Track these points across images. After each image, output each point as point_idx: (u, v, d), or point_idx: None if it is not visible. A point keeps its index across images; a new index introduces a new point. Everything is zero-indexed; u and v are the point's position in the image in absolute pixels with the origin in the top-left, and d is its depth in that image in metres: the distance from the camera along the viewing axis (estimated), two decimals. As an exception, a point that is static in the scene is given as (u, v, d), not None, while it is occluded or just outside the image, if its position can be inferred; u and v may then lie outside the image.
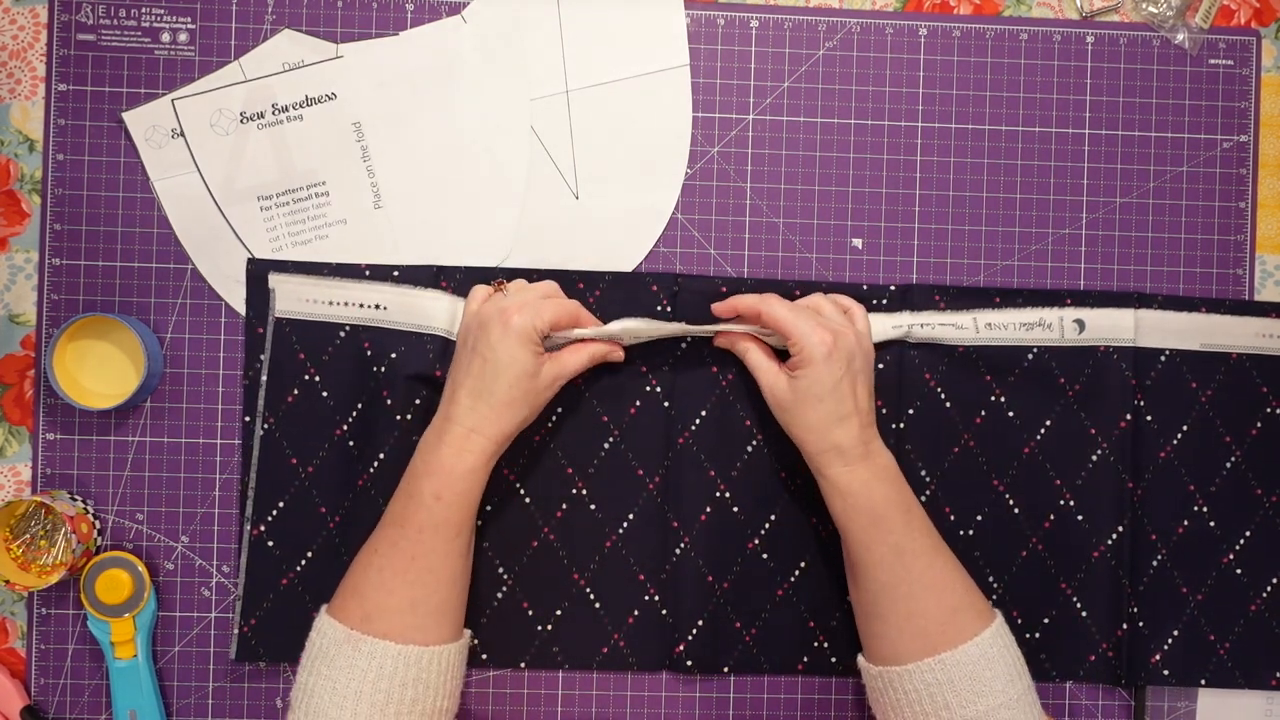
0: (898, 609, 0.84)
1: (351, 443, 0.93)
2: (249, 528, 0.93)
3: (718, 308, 0.92)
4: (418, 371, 0.93)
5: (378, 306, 0.94)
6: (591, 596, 0.95)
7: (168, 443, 0.94)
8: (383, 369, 0.93)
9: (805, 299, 0.92)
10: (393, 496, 0.86)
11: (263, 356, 0.93)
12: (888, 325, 0.95)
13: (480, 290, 0.91)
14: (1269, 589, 0.96)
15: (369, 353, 0.93)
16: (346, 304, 0.94)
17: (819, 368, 0.86)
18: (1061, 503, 0.95)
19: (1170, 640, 0.96)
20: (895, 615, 0.84)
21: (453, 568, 0.85)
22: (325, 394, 0.93)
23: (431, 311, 0.93)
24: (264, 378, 0.93)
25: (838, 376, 0.86)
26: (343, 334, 0.93)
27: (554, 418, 0.94)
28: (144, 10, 0.94)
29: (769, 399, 0.89)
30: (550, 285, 0.92)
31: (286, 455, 0.93)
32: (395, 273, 0.94)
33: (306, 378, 0.93)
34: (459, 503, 0.85)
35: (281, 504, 0.93)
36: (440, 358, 0.93)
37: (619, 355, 0.93)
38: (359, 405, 0.93)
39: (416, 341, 0.93)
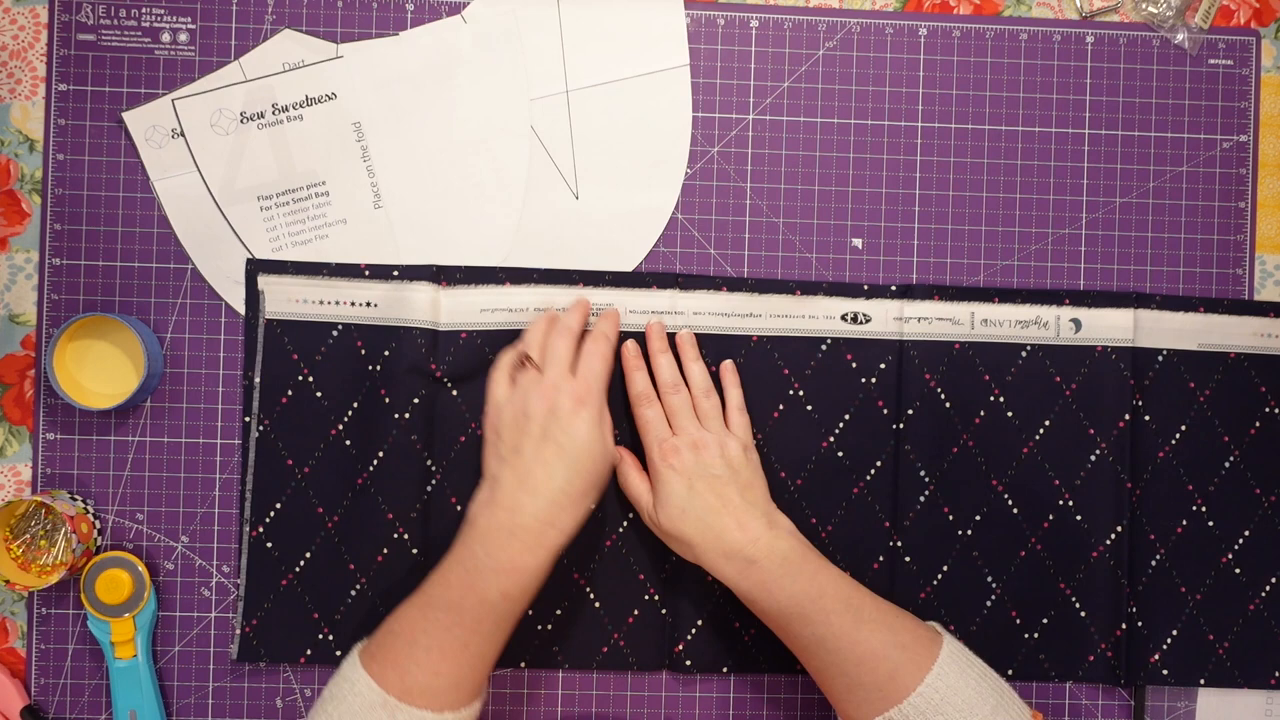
0: (837, 684, 0.84)
1: (348, 442, 0.93)
2: (247, 529, 0.93)
3: (626, 363, 0.93)
4: (413, 367, 0.93)
5: (368, 304, 0.94)
6: (591, 596, 0.95)
7: (168, 443, 0.94)
8: (378, 367, 0.93)
9: (664, 392, 0.91)
10: (441, 575, 0.83)
11: (256, 358, 0.93)
12: (888, 317, 0.95)
13: (504, 368, 0.89)
14: (1268, 588, 0.97)
15: (362, 351, 0.93)
16: (337, 302, 0.94)
17: (666, 479, 0.87)
18: (1060, 503, 0.95)
19: (1169, 640, 0.96)
20: (838, 688, 0.84)
21: (500, 646, 0.84)
22: (319, 394, 0.93)
23: (416, 304, 0.93)
24: (257, 379, 0.93)
25: (687, 483, 0.87)
26: (335, 333, 0.94)
27: (554, 418, 0.94)
28: (144, 10, 0.94)
29: (654, 532, 0.90)
30: (570, 337, 0.89)
31: (282, 456, 0.93)
32: (395, 272, 0.94)
33: (300, 378, 0.93)
34: (526, 597, 0.83)
35: (279, 505, 0.93)
36: (432, 351, 0.93)
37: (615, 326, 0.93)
38: (354, 404, 0.93)
39: (407, 337, 0.93)
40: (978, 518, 0.96)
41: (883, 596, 0.93)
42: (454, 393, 0.94)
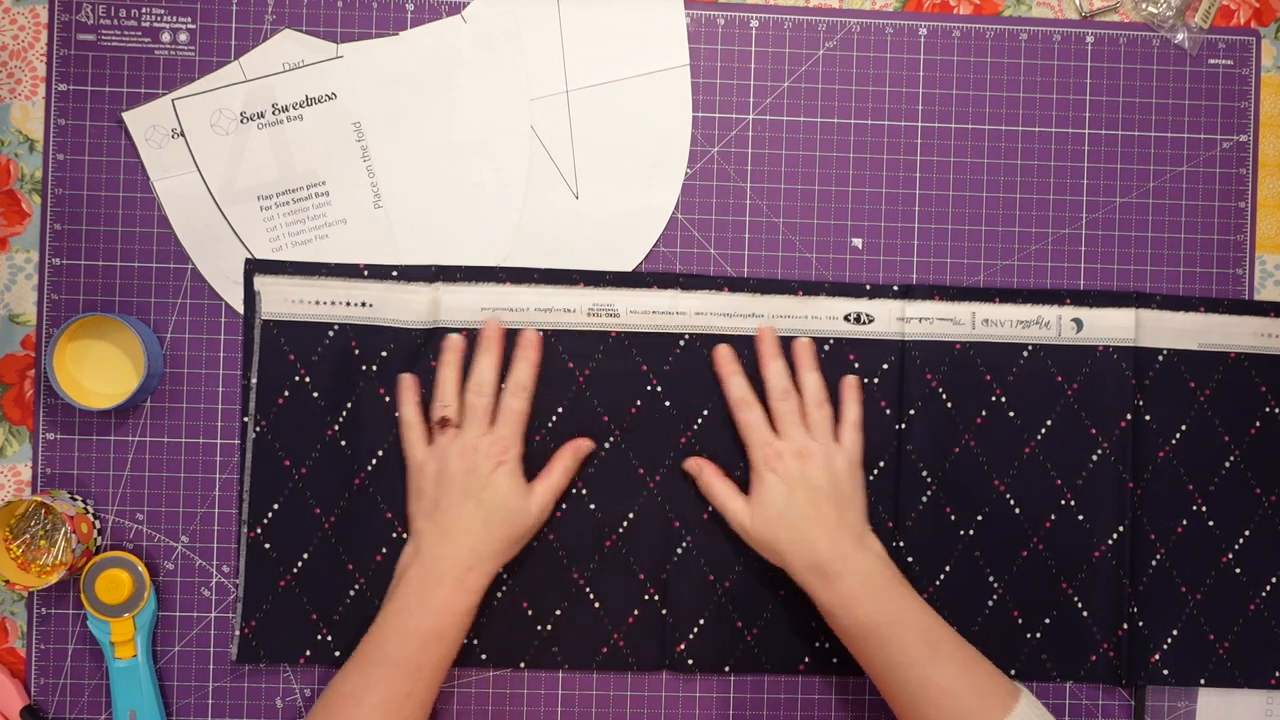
0: (905, 714, 0.85)
1: (344, 442, 0.93)
2: (245, 530, 0.93)
3: (721, 368, 0.93)
4: (412, 368, 0.93)
5: (364, 304, 0.94)
6: (591, 596, 0.95)
7: (168, 443, 0.94)
8: (375, 367, 0.93)
9: (772, 400, 0.91)
10: (376, 630, 0.86)
11: (254, 359, 0.93)
12: (891, 317, 0.95)
13: (416, 429, 0.91)
14: (1268, 588, 0.97)
15: (357, 351, 0.93)
16: (333, 303, 0.94)
17: (766, 484, 0.88)
18: (1062, 502, 0.95)
19: (1170, 640, 0.96)
20: (905, 718, 0.85)
21: (437, 688, 0.86)
22: (316, 394, 0.93)
23: (413, 305, 0.93)
24: (253, 380, 0.93)
25: (787, 491, 0.88)
26: (331, 333, 0.93)
27: (554, 417, 0.94)
28: (144, 10, 0.94)
29: (738, 533, 0.91)
30: (490, 394, 0.90)
31: (279, 457, 0.93)
32: (394, 272, 0.94)
33: (296, 379, 0.93)
34: (457, 640, 0.86)
35: (276, 506, 0.93)
36: (432, 350, 0.93)
37: (589, 445, 0.93)
38: (350, 404, 0.93)
39: (406, 337, 0.93)
40: (979, 518, 0.95)
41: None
42: (454, 392, 0.94)
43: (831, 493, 0.88)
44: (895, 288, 0.95)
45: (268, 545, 0.93)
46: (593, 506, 0.94)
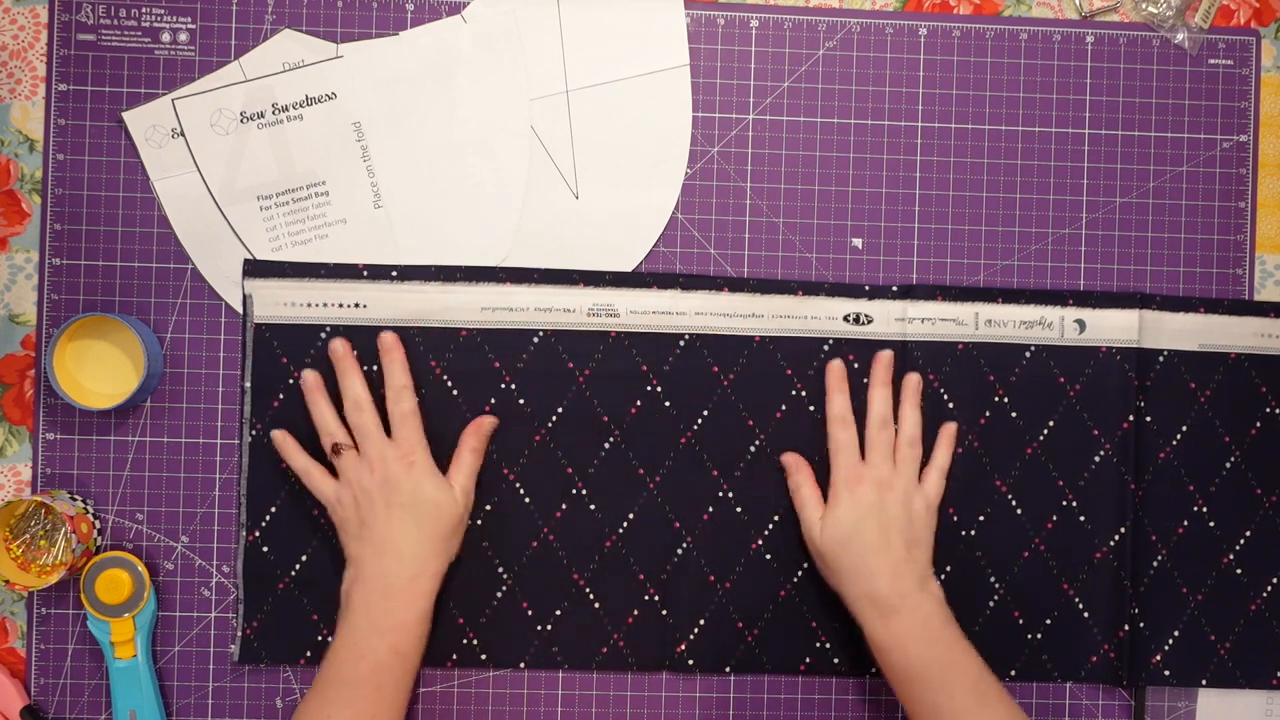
0: None
1: (346, 442, 0.93)
2: (244, 533, 0.93)
3: (830, 381, 0.94)
4: (412, 368, 0.93)
5: (357, 305, 0.94)
6: (591, 597, 0.94)
7: (168, 443, 0.94)
8: (375, 367, 0.93)
9: (870, 428, 0.92)
10: (332, 657, 0.85)
11: (247, 363, 0.93)
12: (890, 317, 0.95)
13: (310, 466, 0.90)
14: (1269, 589, 0.96)
15: (355, 353, 0.93)
16: (326, 305, 0.94)
17: (842, 504, 0.88)
18: (1064, 503, 0.95)
19: (1171, 640, 0.96)
20: None
21: (403, 709, 0.86)
22: None
23: (415, 304, 0.93)
24: (247, 384, 0.93)
25: (860, 516, 0.88)
26: (324, 335, 0.93)
27: (554, 418, 0.94)
28: (144, 10, 0.94)
29: (806, 542, 0.91)
30: (370, 409, 0.90)
31: (276, 460, 0.93)
32: (394, 272, 0.94)
33: (291, 381, 0.93)
34: (417, 647, 0.86)
35: (274, 509, 0.93)
36: (432, 349, 0.93)
37: (492, 421, 0.93)
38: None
39: (403, 337, 0.93)
40: (981, 518, 0.95)
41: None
42: (454, 392, 0.94)
43: (904, 528, 0.88)
44: (894, 288, 0.95)
45: (266, 548, 0.93)
46: (593, 507, 0.94)
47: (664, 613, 0.94)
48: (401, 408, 0.90)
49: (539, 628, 0.94)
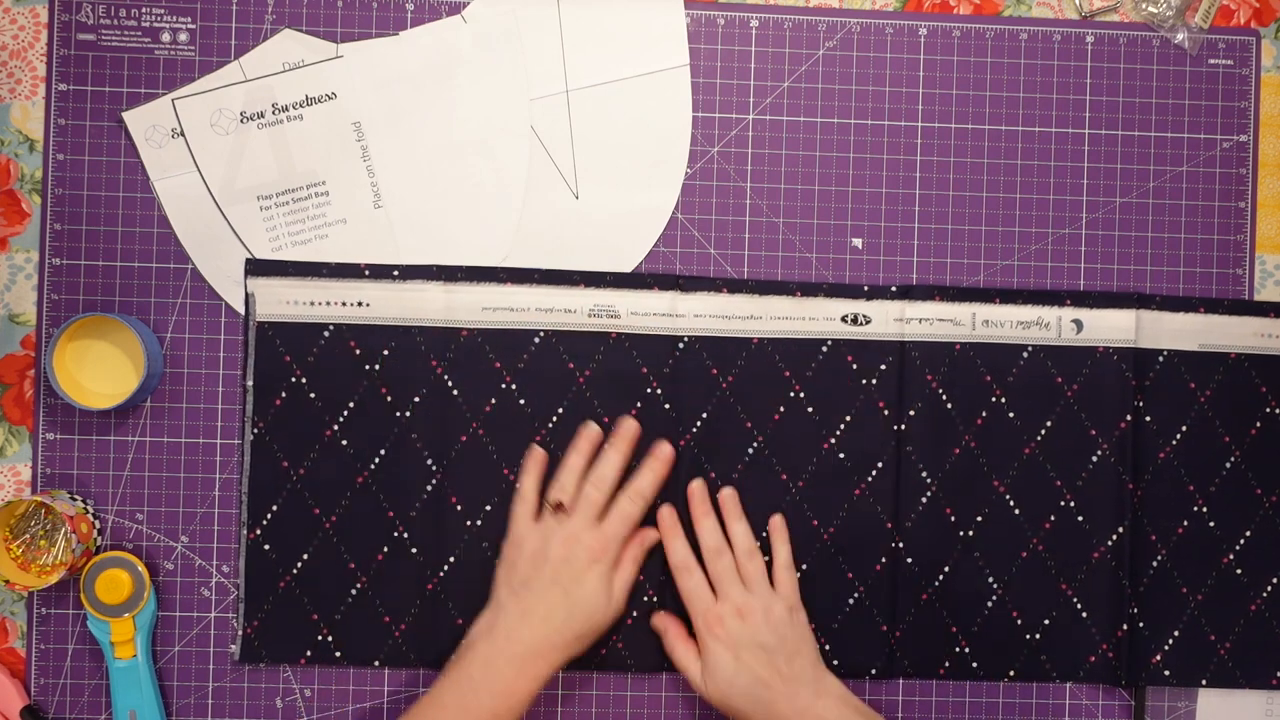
0: None
1: (345, 442, 0.93)
2: (245, 532, 0.93)
3: (663, 531, 0.93)
4: (413, 367, 0.93)
5: (360, 304, 0.94)
6: (591, 597, 0.95)
7: (168, 443, 0.94)
8: (377, 366, 0.93)
9: (706, 555, 0.91)
10: (436, 696, 0.86)
11: (250, 361, 0.93)
12: (888, 318, 0.95)
13: (531, 496, 0.91)
14: (1269, 589, 0.97)
15: (357, 351, 0.93)
16: (328, 303, 0.94)
17: (714, 651, 0.88)
18: (1062, 503, 0.95)
19: (1170, 640, 0.96)
20: None
21: None
22: (313, 395, 0.93)
23: (417, 304, 0.93)
24: (249, 383, 0.93)
25: (733, 656, 0.88)
26: (327, 334, 0.93)
27: (554, 419, 0.94)
28: (144, 10, 0.94)
29: (703, 700, 0.90)
30: (609, 487, 0.91)
31: (277, 459, 0.93)
32: (395, 272, 0.94)
33: (293, 380, 0.93)
34: (513, 718, 0.86)
35: (275, 507, 0.93)
36: (433, 349, 0.93)
37: (654, 536, 0.93)
38: (350, 404, 0.93)
39: (404, 336, 0.93)
40: (979, 518, 0.95)
41: (884, 598, 0.93)
42: (455, 392, 0.94)
43: (778, 647, 0.88)
44: (893, 289, 0.95)
45: (267, 546, 0.93)
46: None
47: (664, 613, 0.94)
48: (626, 508, 0.90)
49: (539, 628, 0.94)
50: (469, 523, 0.93)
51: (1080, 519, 0.95)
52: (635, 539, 0.92)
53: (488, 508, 0.94)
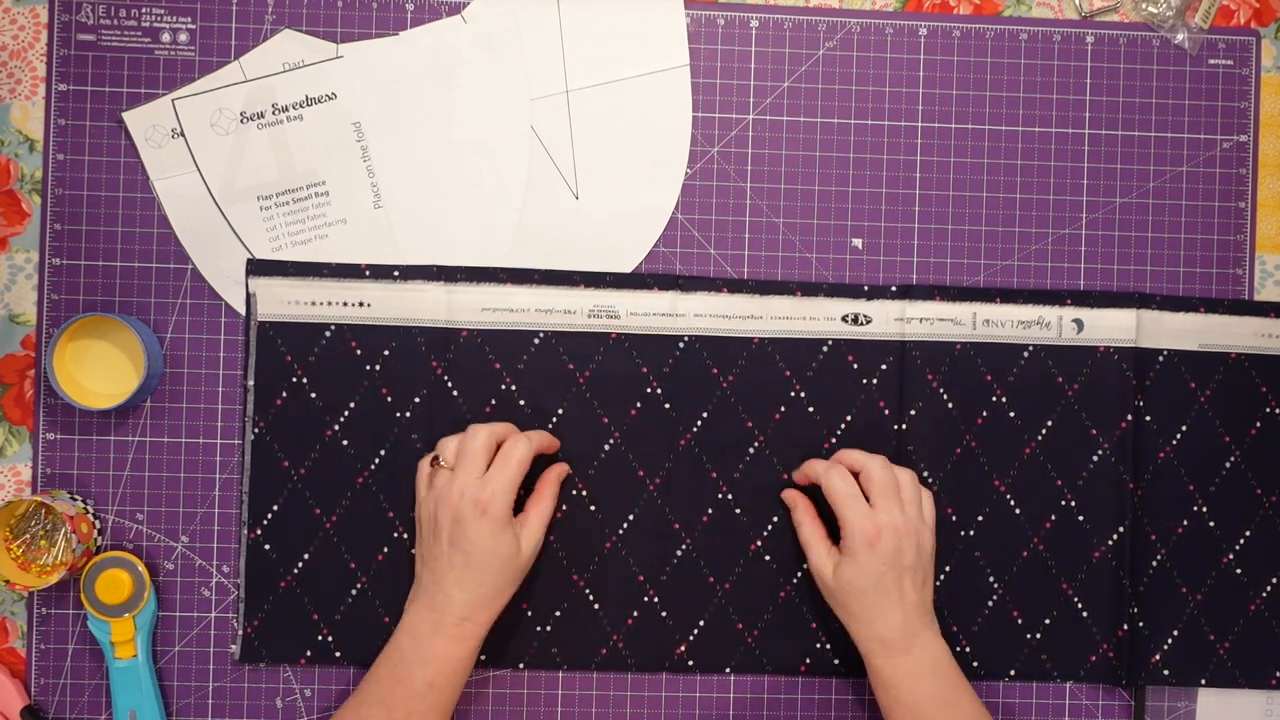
0: None
1: (345, 442, 0.93)
2: (245, 532, 0.93)
3: (796, 476, 0.94)
4: (413, 367, 0.93)
5: (361, 304, 0.94)
6: (590, 597, 0.95)
7: (168, 443, 0.94)
8: (377, 366, 0.93)
9: (868, 469, 0.89)
10: (372, 673, 0.86)
11: (250, 361, 0.93)
12: (889, 318, 0.95)
13: (424, 469, 0.89)
14: (1269, 589, 0.97)
15: (358, 351, 0.93)
16: (330, 303, 0.94)
17: (861, 559, 0.87)
18: (1063, 503, 0.95)
19: (1170, 640, 0.96)
20: None
21: None
22: (314, 395, 0.93)
23: (417, 304, 0.93)
24: (250, 383, 0.93)
25: (880, 571, 0.87)
26: (328, 334, 0.94)
27: (555, 419, 0.94)
28: (144, 10, 0.94)
29: (815, 578, 0.90)
30: (487, 435, 0.87)
31: (278, 458, 0.93)
32: (395, 272, 0.94)
33: (294, 380, 0.93)
34: (453, 687, 0.86)
35: (276, 507, 0.93)
36: (433, 349, 0.93)
37: (565, 469, 0.93)
38: (351, 404, 0.93)
39: (405, 336, 0.93)
40: (980, 518, 0.95)
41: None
42: (455, 393, 0.94)
43: (917, 571, 0.88)
44: (893, 289, 0.95)
45: (267, 546, 0.93)
46: (593, 508, 0.94)
47: (664, 614, 0.94)
48: (506, 450, 0.87)
49: (538, 628, 0.94)
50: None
51: (1081, 518, 0.95)
52: (549, 477, 0.91)
53: (488, 508, 0.94)
